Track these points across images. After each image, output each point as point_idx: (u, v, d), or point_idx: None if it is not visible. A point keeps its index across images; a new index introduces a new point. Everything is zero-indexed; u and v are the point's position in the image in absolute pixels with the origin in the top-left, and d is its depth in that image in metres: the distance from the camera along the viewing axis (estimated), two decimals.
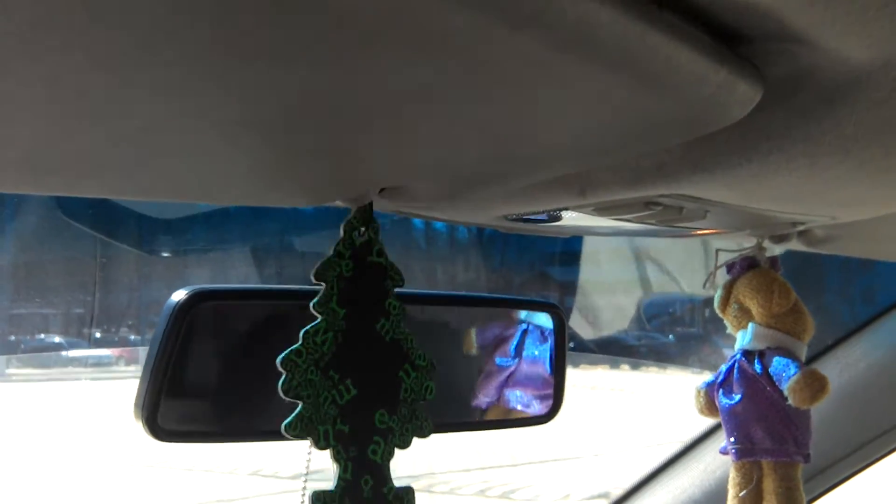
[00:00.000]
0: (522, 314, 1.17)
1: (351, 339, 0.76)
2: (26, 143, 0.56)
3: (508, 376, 1.14)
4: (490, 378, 1.13)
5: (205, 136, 0.57)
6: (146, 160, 0.62)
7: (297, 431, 0.73)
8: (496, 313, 1.18)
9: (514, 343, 1.15)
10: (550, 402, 1.16)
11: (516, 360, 1.14)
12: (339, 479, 0.74)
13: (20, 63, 0.43)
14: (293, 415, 0.73)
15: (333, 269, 0.75)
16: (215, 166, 0.66)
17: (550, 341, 1.16)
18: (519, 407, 1.15)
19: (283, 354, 0.73)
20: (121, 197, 0.77)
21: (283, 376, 0.73)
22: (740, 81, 0.53)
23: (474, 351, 1.13)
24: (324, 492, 0.74)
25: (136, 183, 0.70)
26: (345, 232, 0.76)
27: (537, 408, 1.16)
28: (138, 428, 0.82)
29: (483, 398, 1.13)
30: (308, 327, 0.74)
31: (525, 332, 1.16)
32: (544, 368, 1.16)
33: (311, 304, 0.74)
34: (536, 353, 1.16)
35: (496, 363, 1.14)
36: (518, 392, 1.14)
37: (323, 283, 0.75)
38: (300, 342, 0.74)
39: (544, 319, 1.17)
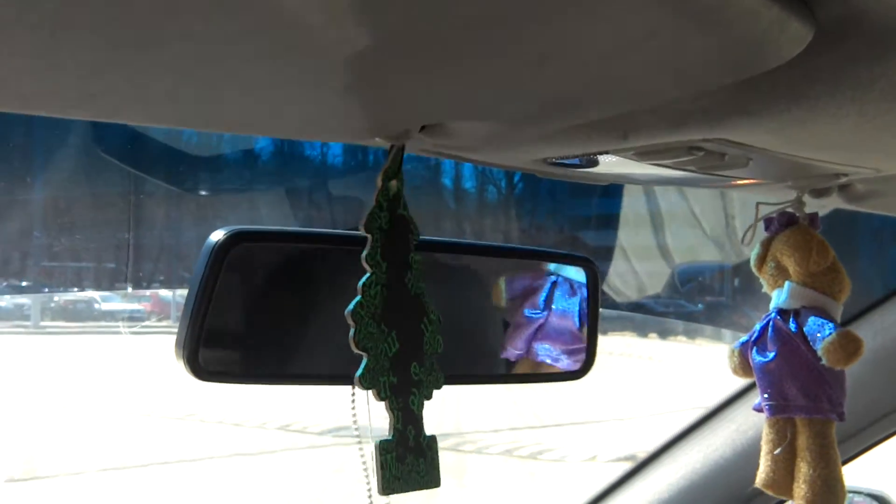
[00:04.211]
0: (552, 266, 1.16)
1: (391, 293, 0.78)
2: (77, 67, 0.55)
3: (537, 329, 1.12)
4: (518, 331, 1.11)
5: (246, 66, 0.56)
6: (188, 89, 0.62)
7: (366, 383, 0.76)
8: (524, 265, 1.16)
9: (544, 295, 1.13)
10: (581, 358, 1.14)
11: (545, 312, 1.13)
12: (394, 428, 0.78)
13: None
14: (362, 367, 0.76)
15: (375, 221, 0.77)
16: (256, 98, 0.65)
17: (580, 295, 1.14)
18: (548, 361, 1.13)
19: (350, 307, 0.76)
20: (165, 125, 0.77)
21: (352, 329, 0.75)
22: (792, 20, 0.52)
23: (503, 302, 1.12)
24: (386, 441, 0.78)
25: (179, 111, 0.70)
26: (382, 181, 0.77)
27: (566, 363, 1.14)
28: (180, 367, 0.82)
29: (511, 351, 1.12)
30: (363, 280, 0.76)
31: (554, 284, 1.13)
32: (573, 323, 1.14)
33: (363, 257, 0.76)
34: (566, 306, 1.14)
35: (525, 315, 1.11)
36: (547, 345, 1.13)
37: (369, 235, 0.76)
38: (360, 295, 0.76)
39: (574, 273, 1.15)
